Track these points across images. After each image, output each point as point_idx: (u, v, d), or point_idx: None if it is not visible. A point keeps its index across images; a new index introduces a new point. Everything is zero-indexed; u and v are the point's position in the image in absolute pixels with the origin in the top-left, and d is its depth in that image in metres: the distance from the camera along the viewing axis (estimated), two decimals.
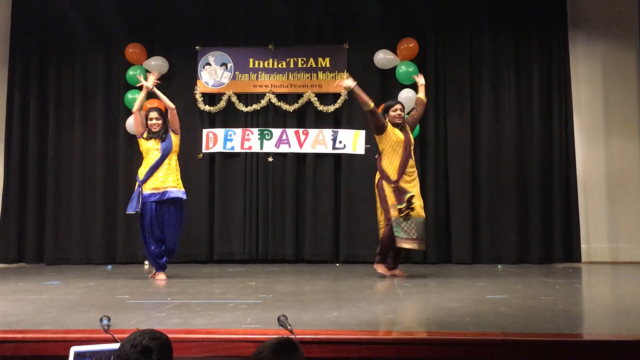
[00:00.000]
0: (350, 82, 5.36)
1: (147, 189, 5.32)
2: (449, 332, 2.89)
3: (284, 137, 6.81)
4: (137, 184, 5.43)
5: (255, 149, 6.83)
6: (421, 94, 5.69)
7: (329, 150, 6.80)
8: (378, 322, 3.23)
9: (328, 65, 6.90)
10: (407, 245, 5.16)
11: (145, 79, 5.62)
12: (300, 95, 6.88)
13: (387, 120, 5.35)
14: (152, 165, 5.37)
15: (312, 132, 6.82)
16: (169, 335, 2.08)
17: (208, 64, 6.98)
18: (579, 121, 6.86)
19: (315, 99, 6.83)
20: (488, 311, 3.54)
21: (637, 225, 6.65)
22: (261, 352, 1.83)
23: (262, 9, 6.97)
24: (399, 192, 5.19)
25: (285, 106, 6.86)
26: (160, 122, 5.46)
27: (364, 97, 5.27)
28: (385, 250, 5.29)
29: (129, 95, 6.86)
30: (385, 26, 6.88)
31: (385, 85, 6.80)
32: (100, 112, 6.98)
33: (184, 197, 5.45)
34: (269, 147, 6.82)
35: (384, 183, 5.28)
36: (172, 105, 5.51)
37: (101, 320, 2.72)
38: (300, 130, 6.82)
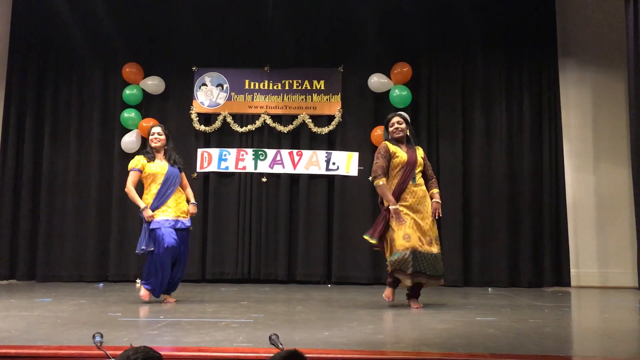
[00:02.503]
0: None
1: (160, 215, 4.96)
2: (438, 353, 2.92)
3: (278, 157, 6.88)
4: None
5: (250, 169, 6.89)
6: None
7: (323, 171, 6.87)
8: (368, 342, 3.25)
9: (323, 87, 7.00)
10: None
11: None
12: (294, 117, 6.97)
13: (389, 138, 4.85)
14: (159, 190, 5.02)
15: (306, 153, 6.89)
16: (162, 353, 2.12)
17: (204, 84, 7.07)
18: (569, 147, 6.98)
19: (310, 120, 6.91)
20: (477, 333, 3.57)
21: (626, 251, 6.72)
22: None
23: (258, 32, 7.09)
24: (382, 222, 4.68)
25: (279, 127, 6.94)
26: (162, 137, 5.16)
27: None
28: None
29: (125, 114, 6.93)
30: (380, 50, 7.00)
31: (378, 109, 6.90)
32: (96, 130, 7.03)
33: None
34: (263, 167, 6.88)
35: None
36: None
37: (94, 337, 2.75)
38: (295, 151, 6.90)
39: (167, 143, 5.22)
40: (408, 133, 4.87)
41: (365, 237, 4.75)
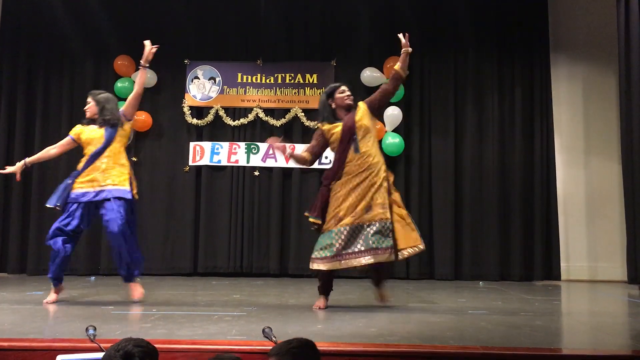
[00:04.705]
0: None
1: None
2: (430, 345, 2.94)
3: (271, 151, 6.87)
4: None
5: (242, 162, 6.89)
6: (397, 64, 4.40)
7: (315, 165, 6.82)
8: (361, 335, 3.27)
9: (315, 81, 6.99)
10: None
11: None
12: (287, 111, 6.96)
13: (333, 108, 4.36)
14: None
15: (299, 147, 6.86)
16: (155, 346, 2.11)
17: (196, 77, 7.05)
18: (560, 142, 7.01)
19: (302, 114, 6.91)
20: (469, 326, 3.60)
21: (615, 245, 6.77)
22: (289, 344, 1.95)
23: (251, 25, 7.07)
24: (321, 198, 4.33)
25: (272, 121, 6.93)
26: (90, 106, 4.69)
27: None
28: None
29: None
30: (373, 44, 7.01)
31: None
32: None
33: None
34: (256, 161, 6.88)
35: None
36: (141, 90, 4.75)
37: (87, 329, 2.74)
38: (287, 145, 6.88)
39: (102, 112, 4.64)
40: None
41: (306, 214, 4.38)
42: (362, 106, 4.39)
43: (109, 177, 4.54)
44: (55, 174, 6.93)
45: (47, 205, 4.69)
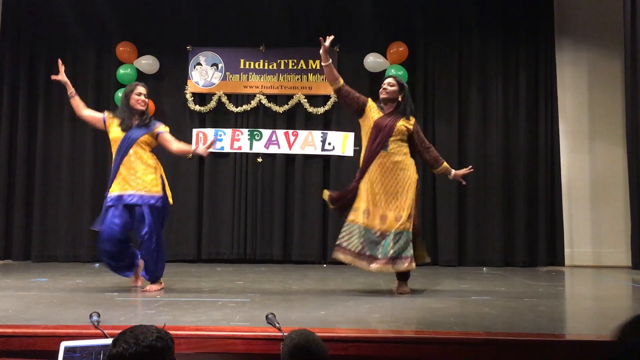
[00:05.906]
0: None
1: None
2: (433, 332, 2.95)
3: (274, 138, 6.86)
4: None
5: (245, 149, 6.88)
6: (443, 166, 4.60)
7: (318, 151, 6.86)
8: (365, 321, 3.28)
9: (318, 67, 6.94)
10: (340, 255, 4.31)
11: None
12: (290, 97, 6.93)
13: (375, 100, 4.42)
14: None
15: (302, 133, 6.87)
16: None
17: (199, 64, 7.02)
18: (565, 127, 6.97)
19: (305, 100, 6.88)
20: (472, 312, 3.61)
21: (620, 230, 6.75)
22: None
23: (253, 10, 7.02)
24: (348, 192, 4.38)
25: (275, 107, 6.91)
26: (147, 100, 4.58)
27: (334, 72, 4.43)
28: None
29: (119, 93, 6.85)
30: (376, 30, 6.95)
31: (375, 89, 6.78)
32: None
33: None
34: (259, 147, 6.86)
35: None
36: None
37: (91, 316, 2.75)
38: (290, 131, 6.87)
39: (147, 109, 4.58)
40: (400, 99, 4.37)
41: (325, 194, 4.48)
42: (412, 122, 4.43)
43: (138, 178, 4.44)
44: (59, 163, 6.95)
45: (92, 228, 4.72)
